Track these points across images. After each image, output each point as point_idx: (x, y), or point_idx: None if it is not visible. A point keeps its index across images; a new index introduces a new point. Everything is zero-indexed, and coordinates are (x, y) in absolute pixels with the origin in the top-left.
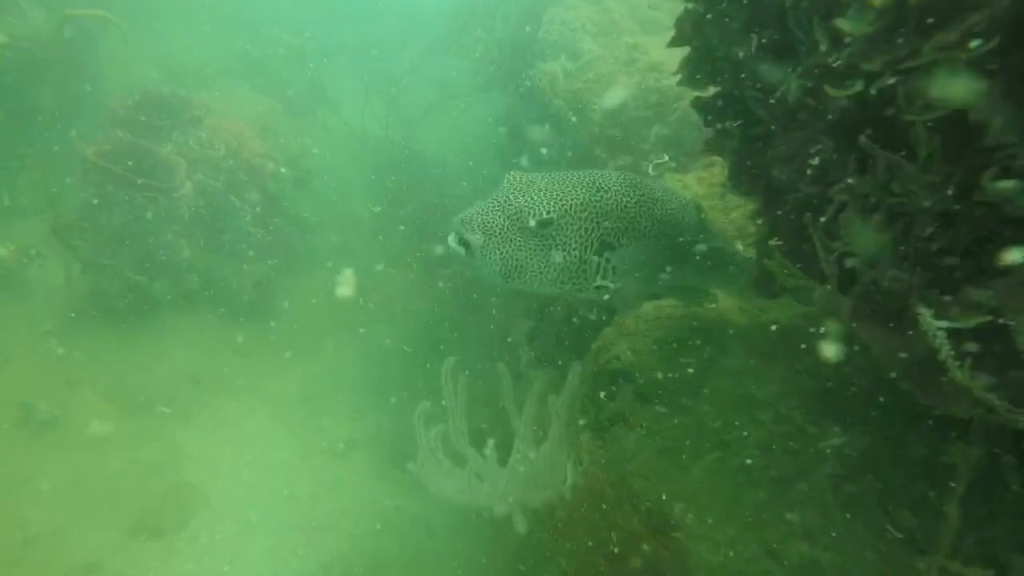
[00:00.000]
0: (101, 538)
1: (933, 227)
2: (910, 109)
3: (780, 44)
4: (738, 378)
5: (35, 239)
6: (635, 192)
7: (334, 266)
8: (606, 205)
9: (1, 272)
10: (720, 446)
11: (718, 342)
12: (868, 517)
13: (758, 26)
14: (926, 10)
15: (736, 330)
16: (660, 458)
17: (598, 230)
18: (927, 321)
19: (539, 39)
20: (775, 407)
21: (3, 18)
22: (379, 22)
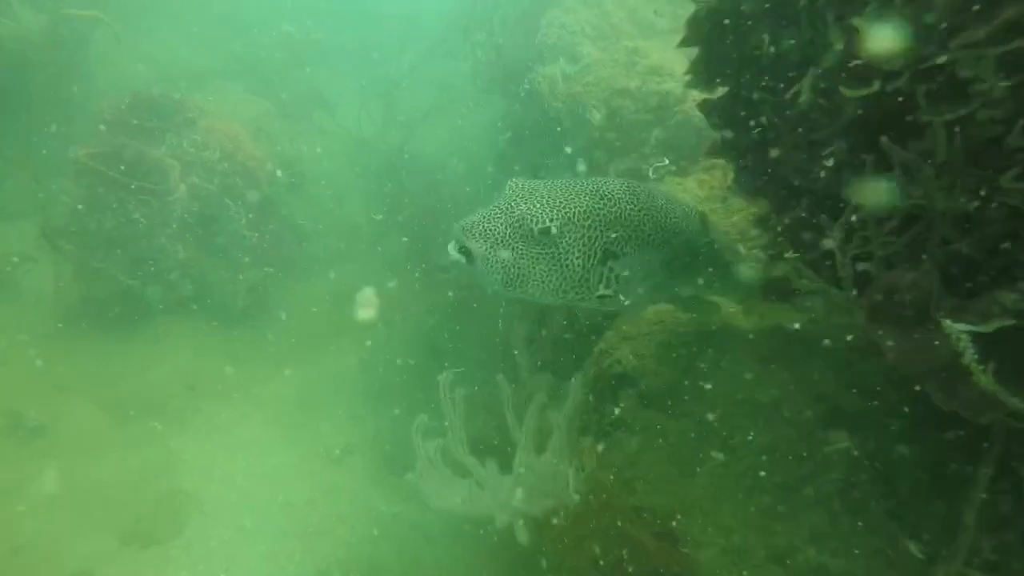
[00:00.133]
0: (93, 546)
1: (952, 230)
2: (930, 109)
3: (793, 44)
4: (742, 382)
5: (24, 243)
6: (638, 200)
7: (336, 276)
8: (609, 213)
9: None
10: (724, 450)
11: (721, 346)
12: (876, 523)
13: (771, 26)
14: (954, 6)
15: (740, 334)
16: (664, 463)
17: (601, 238)
18: (950, 325)
19: (537, 42)
20: (780, 411)
21: None
22: (377, 25)
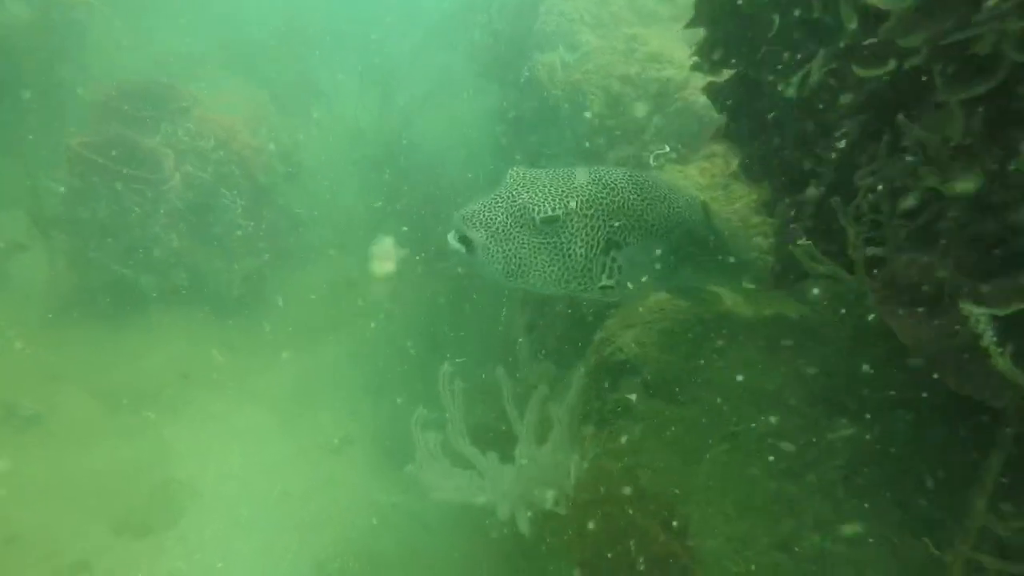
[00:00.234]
0: (88, 536)
1: (968, 211)
2: (947, 88)
3: (803, 24)
4: (745, 369)
5: (15, 232)
6: (641, 189)
7: (333, 265)
8: (612, 202)
9: None
10: (728, 438)
11: (724, 333)
12: (880, 509)
13: (780, 5)
14: None
15: (743, 322)
16: (667, 451)
17: (604, 228)
18: (968, 307)
19: (536, 30)
20: (784, 398)
21: None
22: (376, 13)
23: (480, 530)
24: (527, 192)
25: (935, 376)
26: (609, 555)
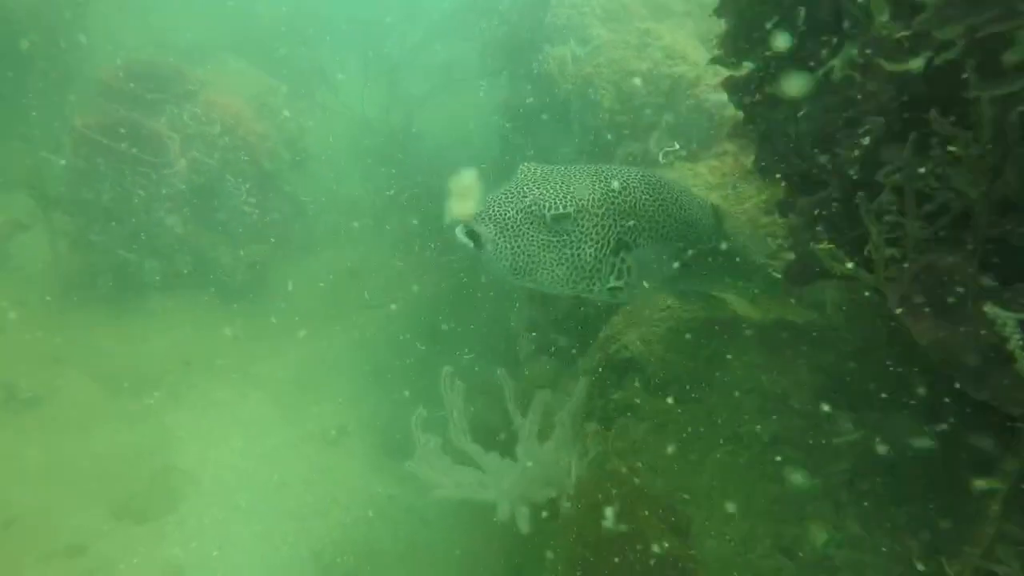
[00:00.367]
0: (86, 520)
1: (994, 213)
2: (980, 84)
3: (830, 16)
4: (751, 370)
5: (17, 212)
6: (654, 190)
7: (337, 255)
8: (624, 203)
9: None
10: (732, 439)
11: (731, 334)
12: (885, 514)
13: None
14: None
15: (749, 323)
16: (670, 450)
17: (615, 228)
18: (995, 311)
19: (547, 23)
20: (789, 402)
21: None
22: (386, 2)
23: (479, 525)
24: (538, 188)
25: (952, 380)
26: (609, 554)
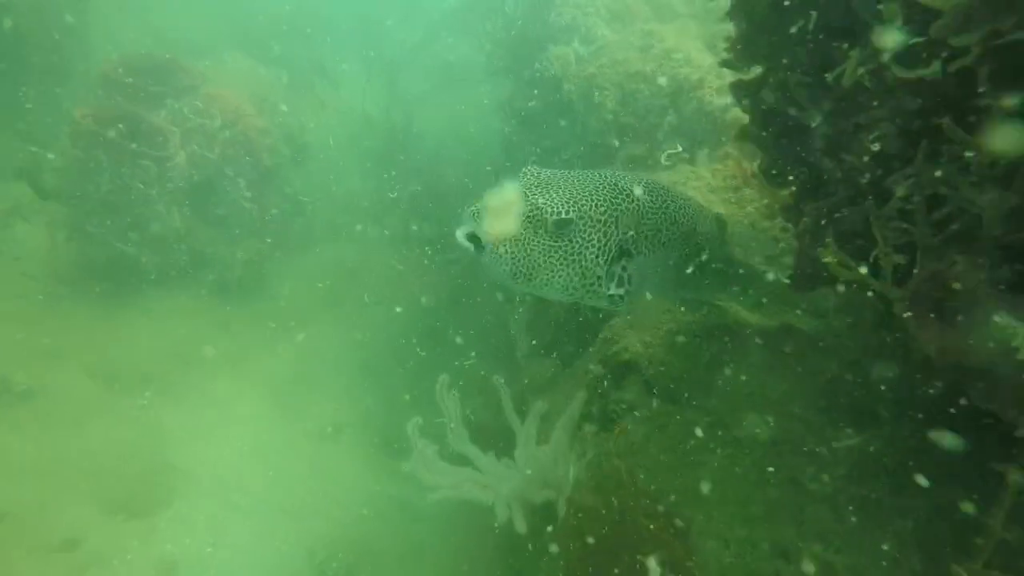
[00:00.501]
0: (79, 515)
1: (1005, 221)
2: (993, 92)
3: (840, 22)
4: (751, 375)
5: (13, 203)
6: (657, 198)
7: (336, 253)
8: (627, 210)
9: None
10: (732, 443)
11: (732, 339)
12: (884, 520)
13: (819, 2)
14: None
15: (750, 328)
16: (669, 453)
17: (617, 235)
18: (1006, 320)
19: (551, 22)
20: (789, 406)
21: None
22: (386, 1)
23: (474, 525)
24: (540, 193)
25: (957, 388)
26: (608, 556)
